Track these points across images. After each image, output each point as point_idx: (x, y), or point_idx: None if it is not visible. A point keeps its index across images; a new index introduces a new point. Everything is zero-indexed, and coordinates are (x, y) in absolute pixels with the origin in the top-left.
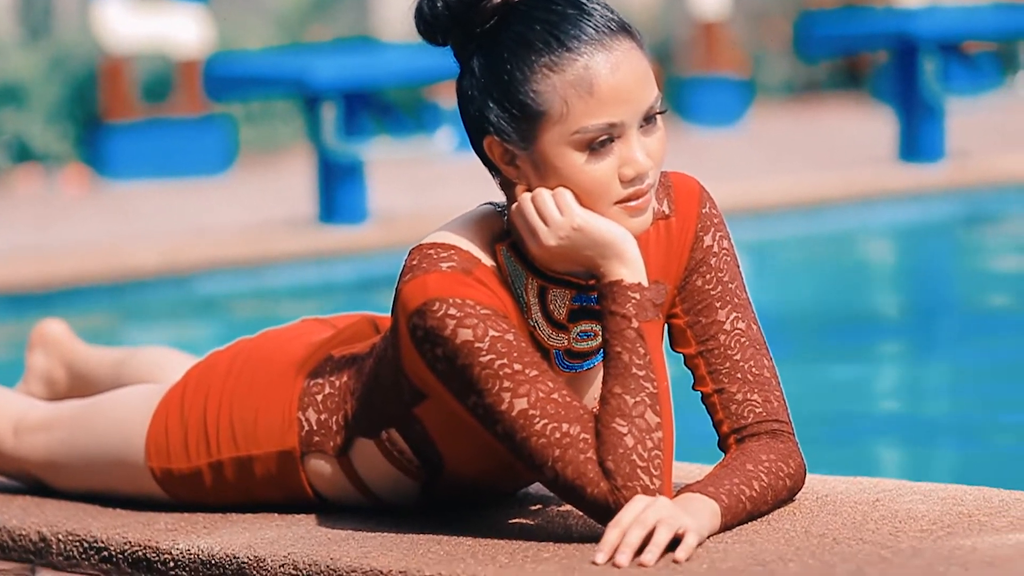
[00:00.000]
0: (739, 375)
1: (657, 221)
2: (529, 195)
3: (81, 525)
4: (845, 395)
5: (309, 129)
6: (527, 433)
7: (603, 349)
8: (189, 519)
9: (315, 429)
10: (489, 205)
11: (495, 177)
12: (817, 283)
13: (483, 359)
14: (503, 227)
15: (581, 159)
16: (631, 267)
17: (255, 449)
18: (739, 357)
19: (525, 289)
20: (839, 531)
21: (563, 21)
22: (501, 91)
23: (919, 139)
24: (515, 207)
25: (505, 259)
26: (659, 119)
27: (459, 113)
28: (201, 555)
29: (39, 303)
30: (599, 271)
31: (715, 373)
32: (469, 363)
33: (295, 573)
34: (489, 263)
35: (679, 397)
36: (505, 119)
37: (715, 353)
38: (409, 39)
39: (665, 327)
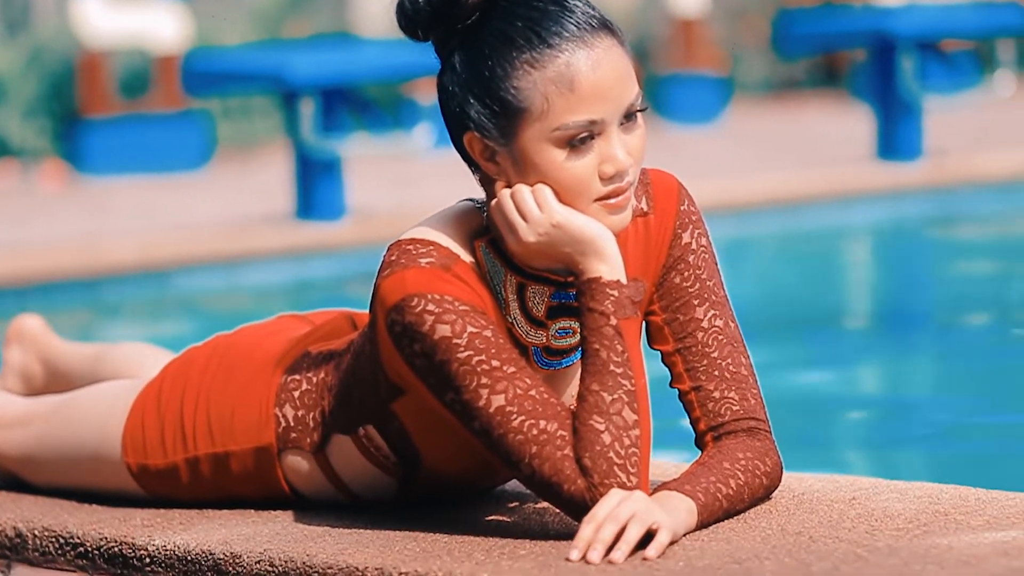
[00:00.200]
0: (716, 373)
1: (636, 218)
2: (508, 191)
3: (57, 521)
4: (822, 393)
5: (287, 125)
6: (504, 430)
7: (581, 346)
8: (165, 515)
9: (292, 425)
10: (468, 201)
11: (475, 173)
12: (794, 281)
13: (461, 355)
14: (482, 223)
15: (561, 156)
16: (610, 264)
17: (232, 445)
18: (716, 355)
19: (504, 286)
20: (815, 529)
21: (545, 18)
22: (482, 87)
23: (897, 137)
24: (494, 203)
25: (484, 255)
26: (639, 116)
27: (439, 109)
28: (177, 551)
29: (16, 298)
30: (578, 268)
31: (692, 371)
32: (447, 359)
33: (271, 570)
34: (468, 259)
35: (656, 395)
36: (485, 115)
37: (692, 351)
38: (387, 35)
39: (643, 324)
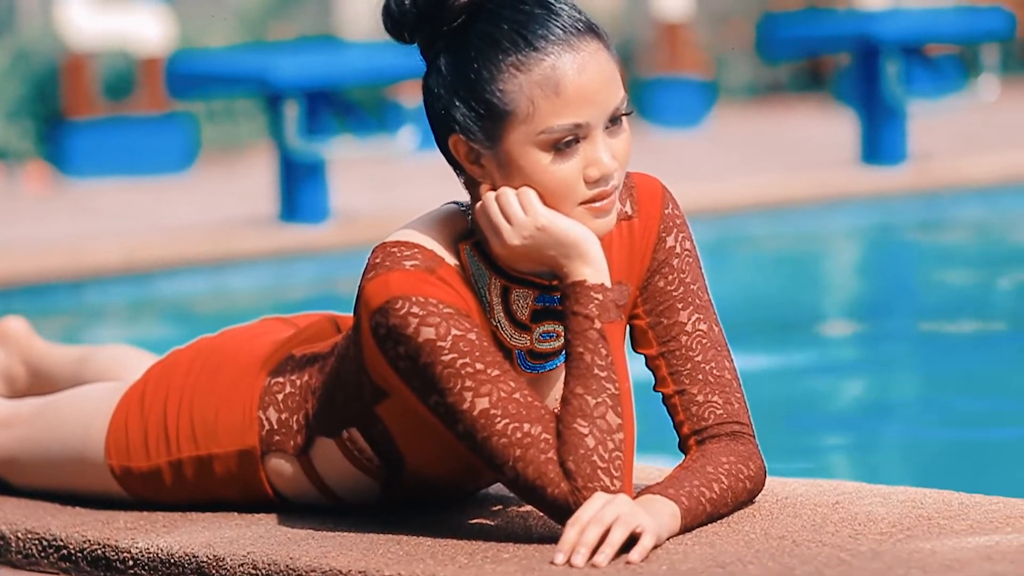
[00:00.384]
0: (700, 376)
1: (620, 222)
2: (493, 194)
3: (40, 523)
4: (806, 397)
5: (271, 127)
6: (488, 433)
7: (565, 349)
8: (149, 518)
9: (276, 428)
10: (453, 204)
11: (460, 176)
12: (778, 285)
13: (445, 358)
14: (467, 226)
15: (546, 159)
16: (594, 267)
17: (215, 448)
18: (700, 358)
19: (488, 289)
20: (799, 533)
21: (531, 21)
22: (467, 90)
23: (881, 141)
24: (479, 206)
25: (468, 258)
26: (625, 120)
27: (424, 111)
28: (160, 554)
29: None
30: (562, 271)
31: (676, 374)
32: (431, 362)
33: (254, 572)
34: (453, 262)
35: (640, 398)
36: (471, 118)
37: (676, 354)
38: (372, 38)
39: (627, 328)
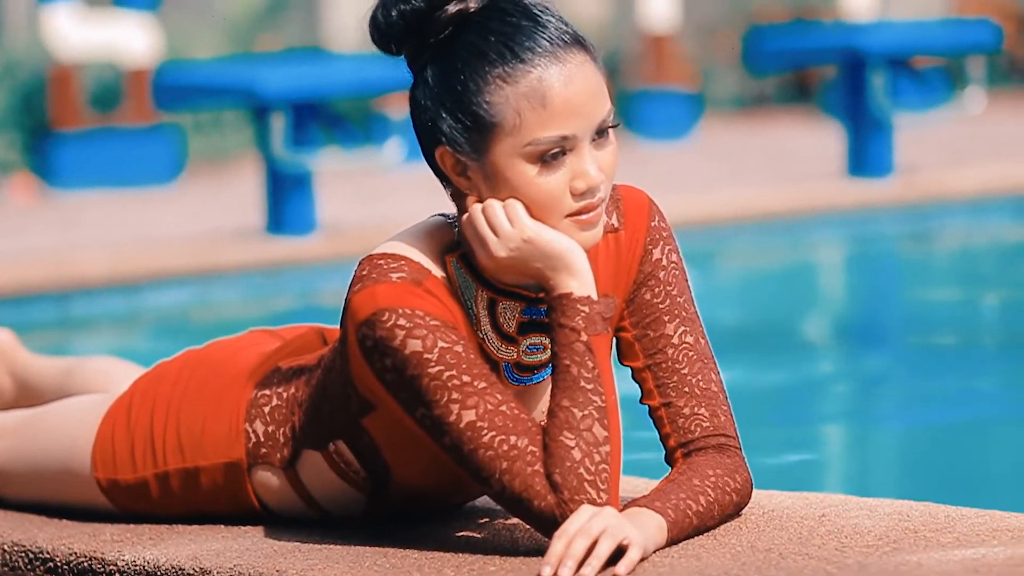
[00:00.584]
0: (687, 389)
1: (606, 234)
2: (480, 206)
3: (26, 535)
4: (792, 409)
5: (258, 139)
6: (475, 445)
7: (552, 362)
8: (135, 530)
9: (262, 441)
10: (440, 216)
11: (446, 188)
12: (764, 297)
13: (432, 370)
14: (454, 238)
15: (533, 171)
16: (580, 280)
17: (201, 460)
18: (687, 371)
19: (475, 301)
20: (785, 546)
21: (517, 33)
22: (454, 101)
23: (867, 154)
24: (466, 218)
25: (455, 271)
26: (611, 133)
27: (411, 123)
28: (147, 566)
29: None
30: (548, 283)
31: (663, 387)
32: (418, 374)
33: None
34: (439, 274)
35: (627, 411)
36: (458, 130)
37: (663, 367)
38: (359, 50)
39: (613, 340)
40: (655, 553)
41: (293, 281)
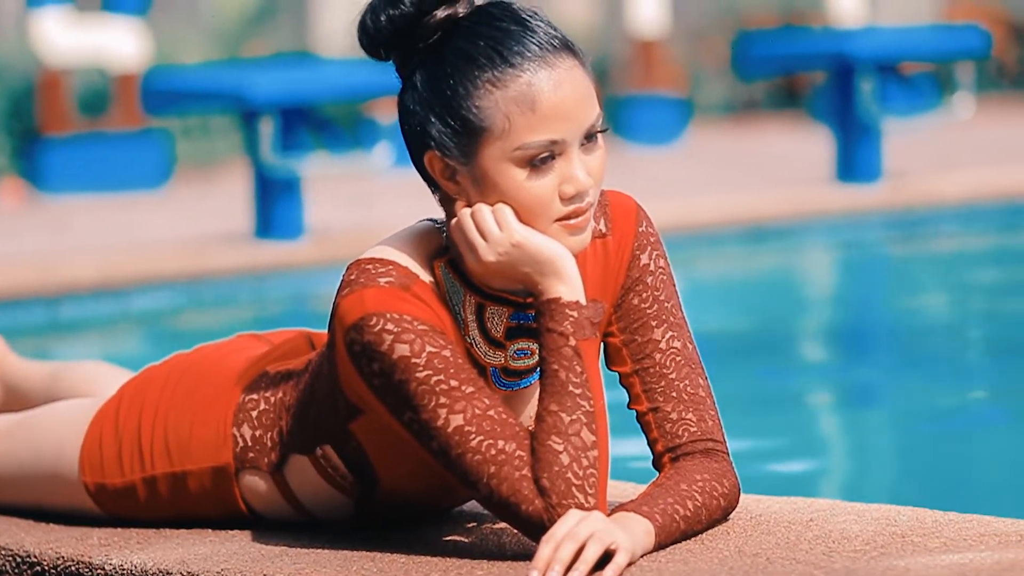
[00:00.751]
0: (674, 394)
1: (594, 239)
2: (468, 210)
3: (14, 540)
4: (779, 415)
5: (246, 144)
6: (462, 449)
7: (540, 367)
8: (123, 534)
9: (250, 445)
10: (428, 221)
11: (435, 193)
12: (753, 302)
13: (420, 375)
14: (442, 243)
15: (522, 175)
16: (569, 285)
17: (189, 464)
18: (674, 376)
19: (463, 306)
20: (773, 551)
21: (507, 38)
22: (443, 106)
23: (856, 159)
24: (454, 222)
25: (443, 275)
26: (600, 138)
27: (400, 128)
28: (134, 570)
29: None
30: (537, 288)
31: (650, 392)
32: (405, 378)
33: None
34: (427, 279)
35: (615, 416)
36: (447, 134)
37: (650, 372)
38: (347, 54)
39: (601, 345)
40: (642, 558)
41: (281, 286)
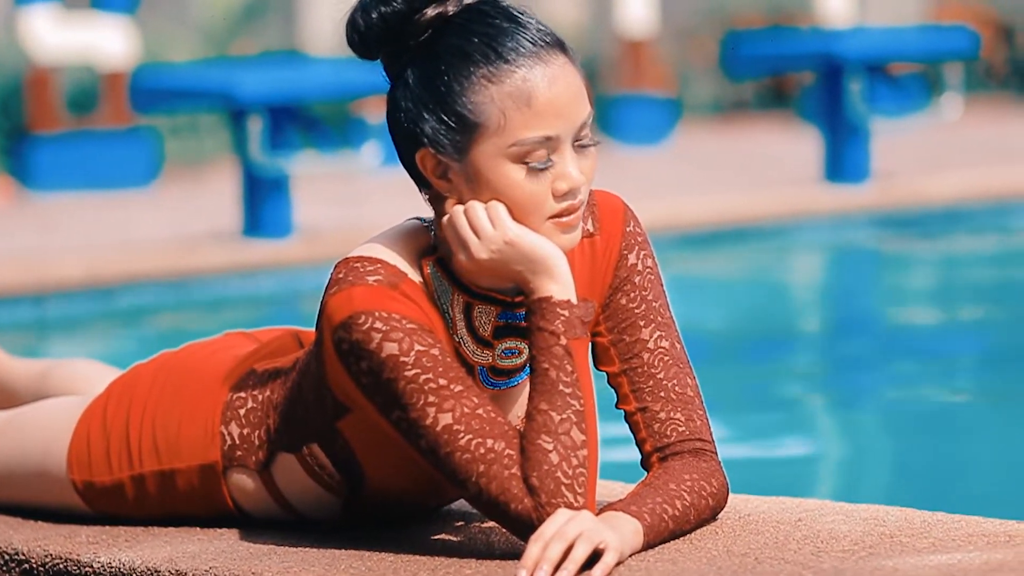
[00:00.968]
0: (662, 394)
1: (582, 239)
2: (461, 207)
3: (2, 537)
4: (768, 414)
5: (235, 142)
6: (451, 448)
7: (530, 365)
8: (111, 532)
9: (237, 443)
10: (416, 220)
11: (424, 192)
12: (741, 302)
13: (408, 373)
14: (430, 242)
15: (517, 172)
16: (561, 284)
17: (177, 462)
18: (662, 376)
19: (451, 305)
20: (761, 551)
21: (501, 34)
22: (437, 102)
23: (844, 160)
24: (447, 219)
25: (431, 274)
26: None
27: (388, 126)
28: (123, 568)
29: None
30: (528, 287)
31: (638, 392)
32: (394, 377)
33: None
34: (415, 278)
35: (603, 415)
36: (441, 130)
37: (638, 372)
38: (336, 53)
39: (590, 345)
40: (631, 557)
41: (270, 284)
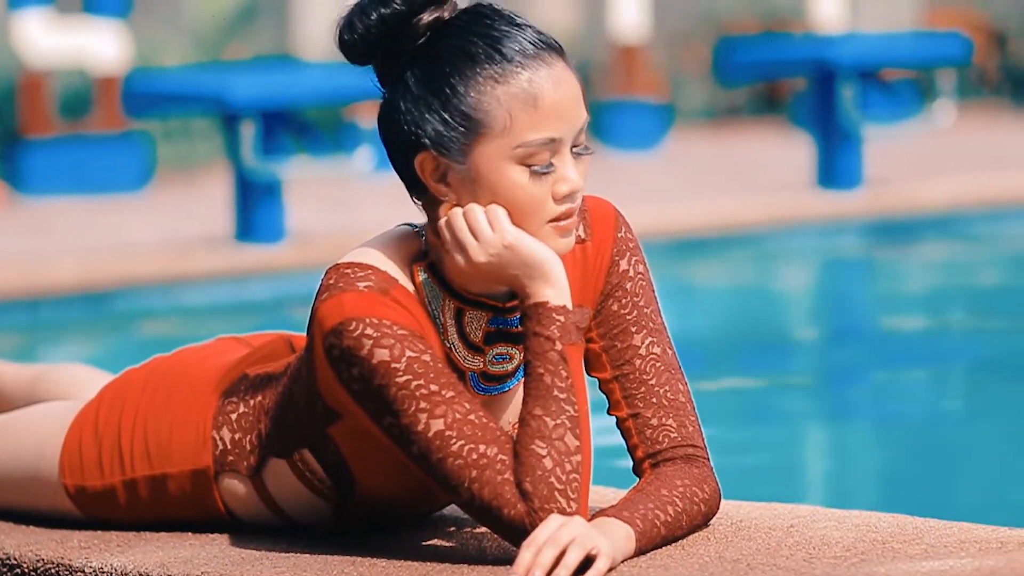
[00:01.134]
0: (654, 400)
1: (573, 245)
2: (460, 210)
3: None
4: (760, 420)
5: (227, 147)
6: (443, 454)
7: (525, 370)
8: (103, 537)
9: (229, 448)
10: (407, 225)
11: (418, 197)
12: (733, 308)
13: (399, 379)
14: (421, 247)
15: (520, 174)
16: (557, 288)
17: (169, 467)
18: (654, 382)
19: (442, 310)
20: (753, 557)
21: (503, 36)
22: (441, 103)
23: (837, 166)
24: (444, 221)
25: (423, 280)
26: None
27: (381, 131)
28: (114, 573)
29: None
30: (524, 291)
31: (630, 398)
32: (385, 383)
33: None
34: (407, 283)
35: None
36: (444, 131)
37: (630, 378)
38: (329, 58)
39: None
40: (623, 563)
41: (262, 289)
